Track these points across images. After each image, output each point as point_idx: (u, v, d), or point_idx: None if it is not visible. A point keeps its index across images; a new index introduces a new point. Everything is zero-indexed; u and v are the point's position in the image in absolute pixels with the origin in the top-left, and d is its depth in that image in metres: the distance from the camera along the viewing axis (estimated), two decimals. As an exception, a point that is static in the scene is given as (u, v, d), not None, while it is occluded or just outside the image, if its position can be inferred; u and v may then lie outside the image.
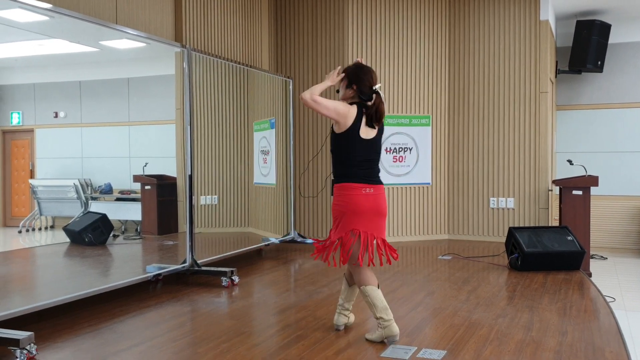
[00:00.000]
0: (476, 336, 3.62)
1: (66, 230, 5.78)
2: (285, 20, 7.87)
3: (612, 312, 4.21)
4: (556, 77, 8.66)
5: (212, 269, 5.22)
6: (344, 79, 3.59)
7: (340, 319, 3.75)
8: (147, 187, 6.02)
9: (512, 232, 5.88)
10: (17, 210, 5.76)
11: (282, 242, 7.06)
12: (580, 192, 6.77)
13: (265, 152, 6.94)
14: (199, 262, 5.23)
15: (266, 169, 6.96)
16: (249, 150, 6.82)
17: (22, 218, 5.81)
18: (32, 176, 5.71)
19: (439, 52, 7.90)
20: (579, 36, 8.31)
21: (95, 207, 5.97)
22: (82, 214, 5.89)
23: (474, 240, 7.74)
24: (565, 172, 7.92)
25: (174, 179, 5.88)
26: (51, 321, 3.95)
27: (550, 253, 5.63)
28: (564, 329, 3.78)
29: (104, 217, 5.76)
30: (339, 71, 3.61)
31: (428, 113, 7.85)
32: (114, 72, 6.16)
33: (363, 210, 3.46)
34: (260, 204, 6.96)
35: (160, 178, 6.02)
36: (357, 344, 3.48)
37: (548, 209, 7.52)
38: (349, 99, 3.59)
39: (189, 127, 5.16)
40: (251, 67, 6.85)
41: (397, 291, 4.87)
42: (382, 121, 3.56)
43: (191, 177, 5.20)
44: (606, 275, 7.14)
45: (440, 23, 7.90)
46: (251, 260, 6.42)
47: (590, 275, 6.38)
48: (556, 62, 8.53)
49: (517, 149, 7.62)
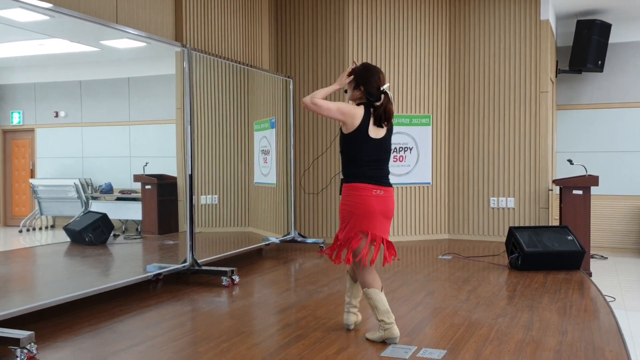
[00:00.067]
0: (476, 336, 3.62)
1: (66, 229, 5.78)
2: (285, 20, 7.87)
3: (612, 312, 4.21)
4: (556, 76, 8.66)
5: (213, 268, 5.22)
6: (351, 80, 3.54)
7: (350, 318, 3.73)
8: (148, 187, 6.02)
9: (513, 231, 5.88)
10: (17, 210, 5.76)
11: (282, 241, 7.07)
12: (580, 192, 6.76)
13: (266, 152, 6.94)
14: (199, 261, 5.24)
15: (266, 168, 6.96)
16: (249, 150, 6.82)
17: (22, 217, 5.81)
18: (32, 176, 5.71)
19: (440, 51, 7.90)
20: (580, 36, 8.31)
21: (96, 206, 5.97)
22: (82, 214, 5.89)
23: (474, 240, 7.74)
24: (566, 171, 7.92)
25: (174, 178, 5.88)
26: (51, 321, 3.95)
27: (550, 253, 5.64)
28: (564, 328, 3.78)
29: (104, 217, 5.77)
30: (348, 73, 3.55)
31: (428, 113, 7.85)
32: (114, 72, 6.16)
33: (372, 212, 3.44)
34: (260, 204, 6.97)
35: (160, 178, 6.03)
36: (357, 343, 3.48)
37: (548, 208, 7.52)
38: (356, 99, 3.56)
39: (189, 126, 5.17)
40: (251, 66, 6.86)
41: (397, 291, 4.88)
42: (391, 121, 3.52)
43: (191, 176, 5.20)
44: (606, 274, 7.14)
45: (441, 23, 7.90)
46: (251, 259, 6.43)
47: (590, 274, 6.37)
48: (556, 61, 8.53)
49: (518, 149, 7.62)
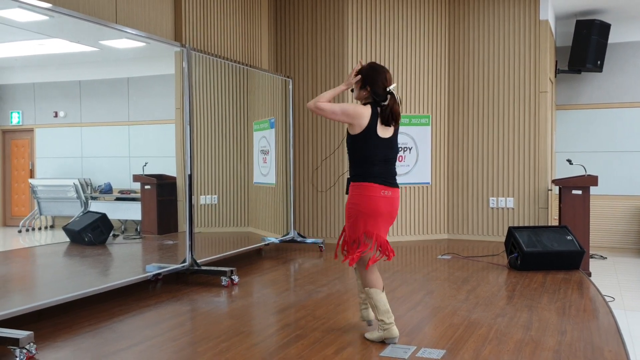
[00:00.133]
0: (475, 335, 3.62)
1: (66, 229, 5.78)
2: (285, 19, 7.87)
3: (611, 312, 4.21)
4: (556, 76, 8.67)
5: (212, 268, 5.22)
6: (358, 80, 3.51)
7: (369, 314, 3.70)
8: (147, 187, 6.02)
9: (512, 231, 5.88)
10: (17, 210, 5.76)
11: (281, 241, 7.07)
12: (579, 192, 6.77)
13: (265, 152, 6.94)
14: (198, 261, 5.24)
15: (266, 168, 6.97)
16: (248, 150, 6.82)
17: (22, 217, 5.81)
18: (32, 176, 5.71)
19: (439, 51, 7.90)
20: (579, 36, 8.31)
21: (95, 206, 5.97)
22: (81, 214, 5.89)
23: (473, 240, 7.75)
24: (565, 171, 7.92)
25: (173, 178, 5.88)
26: (51, 320, 3.95)
27: (549, 252, 5.64)
28: (563, 328, 3.78)
29: (103, 217, 5.77)
30: (355, 72, 3.50)
31: (428, 113, 7.85)
32: (113, 72, 6.16)
33: (380, 213, 3.42)
34: (260, 204, 6.97)
35: (160, 178, 6.03)
36: (357, 343, 3.48)
37: (547, 208, 7.53)
38: (362, 99, 3.53)
39: (188, 126, 5.16)
40: (251, 66, 6.86)
41: (397, 290, 4.88)
42: (398, 121, 3.50)
43: (191, 176, 5.20)
44: (605, 274, 7.15)
45: (440, 23, 7.90)
46: (251, 259, 6.43)
47: (589, 274, 6.38)
48: (556, 61, 8.54)
49: (517, 149, 7.62)
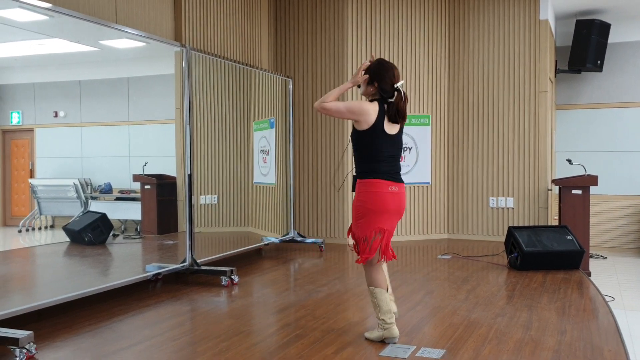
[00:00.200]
0: (475, 335, 3.63)
1: (66, 229, 5.78)
2: (285, 19, 7.88)
3: (611, 312, 4.21)
4: (556, 76, 8.67)
5: (212, 268, 5.22)
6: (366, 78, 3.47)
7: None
8: (147, 187, 6.02)
9: (512, 231, 5.88)
10: (17, 210, 5.76)
11: (281, 241, 7.07)
12: (579, 192, 6.77)
13: (265, 152, 6.94)
14: (198, 261, 5.24)
15: (266, 168, 6.97)
16: (248, 150, 6.82)
17: (22, 217, 5.81)
18: (32, 176, 5.71)
19: (439, 51, 7.90)
20: (579, 35, 8.31)
21: (95, 206, 5.97)
22: (81, 214, 5.89)
23: (473, 240, 7.75)
24: (565, 171, 7.93)
25: (173, 178, 5.88)
26: (51, 320, 3.95)
27: (549, 252, 5.64)
28: (562, 328, 3.78)
29: (103, 217, 5.77)
30: (364, 70, 3.47)
31: (427, 112, 7.85)
32: (113, 72, 6.17)
33: (389, 209, 3.40)
34: (260, 204, 6.97)
35: (160, 177, 6.03)
36: (356, 343, 3.48)
37: (547, 208, 7.53)
38: (369, 95, 3.50)
39: (188, 126, 5.17)
40: (251, 66, 6.86)
41: (397, 290, 4.87)
42: (405, 119, 3.48)
43: (191, 176, 5.21)
44: (605, 274, 7.15)
45: (440, 22, 7.90)
46: (251, 259, 6.43)
47: (589, 274, 6.38)
48: (556, 61, 8.54)
49: (517, 149, 7.62)
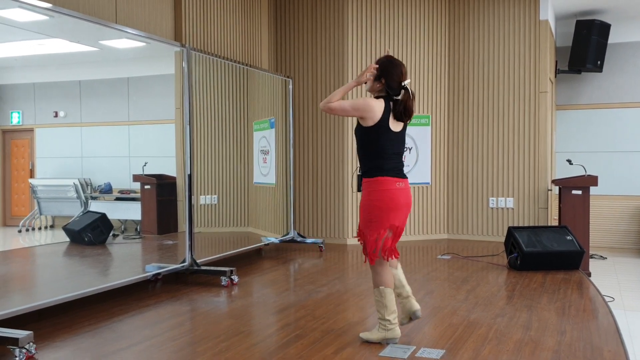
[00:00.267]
0: (475, 335, 3.63)
1: (66, 229, 5.78)
2: (285, 19, 7.88)
3: (610, 312, 4.21)
4: (556, 76, 8.67)
5: (212, 268, 5.22)
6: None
7: (412, 304, 3.55)
8: (147, 187, 6.02)
9: (512, 231, 5.88)
10: (17, 210, 5.77)
11: (281, 241, 7.07)
12: (579, 192, 6.77)
13: (265, 152, 6.94)
14: (198, 261, 5.24)
15: (266, 168, 6.97)
16: (248, 150, 6.82)
17: (22, 217, 5.81)
18: (32, 176, 5.71)
19: (439, 51, 7.90)
20: (579, 36, 8.31)
21: (95, 206, 5.97)
22: (81, 214, 5.90)
23: (473, 240, 7.75)
24: (565, 171, 7.92)
25: (173, 178, 5.88)
26: (50, 320, 3.95)
27: (549, 253, 5.64)
28: (562, 328, 3.78)
29: (103, 217, 5.77)
30: (371, 69, 3.42)
31: (427, 113, 7.85)
32: (113, 72, 6.17)
33: (400, 205, 3.38)
34: (260, 204, 6.97)
35: (159, 177, 6.03)
36: (356, 343, 3.48)
37: (547, 208, 7.53)
38: (375, 91, 3.47)
39: (188, 126, 5.16)
40: (251, 66, 6.86)
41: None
42: (411, 117, 3.46)
43: (190, 176, 5.20)
44: (605, 274, 7.15)
45: (440, 22, 7.90)
46: (251, 259, 6.43)
47: (589, 274, 6.38)
48: (556, 61, 8.54)
49: (517, 149, 7.62)
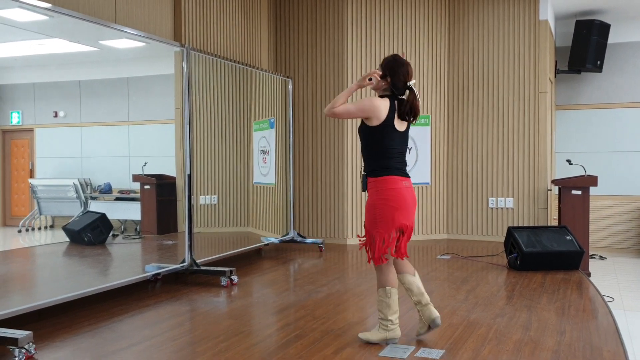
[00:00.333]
0: (474, 335, 3.63)
1: (65, 229, 5.78)
2: (284, 19, 7.88)
3: (610, 312, 4.21)
4: (555, 76, 8.67)
5: (211, 268, 5.22)
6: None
7: (431, 312, 3.48)
8: (147, 187, 6.03)
9: (511, 231, 5.88)
10: (16, 210, 5.77)
11: (281, 241, 7.07)
12: (579, 192, 6.77)
13: (265, 152, 6.94)
14: (198, 261, 5.24)
15: (266, 168, 6.97)
16: (248, 150, 6.82)
17: (21, 217, 5.82)
18: (31, 176, 5.72)
19: (438, 51, 7.90)
20: (579, 36, 8.31)
21: (95, 206, 5.98)
22: (81, 214, 5.90)
23: (473, 240, 7.75)
24: (565, 171, 7.92)
25: (173, 178, 5.89)
26: (50, 320, 3.95)
27: (549, 253, 5.64)
28: (562, 328, 3.79)
29: (103, 217, 5.78)
30: (376, 75, 3.42)
31: (427, 113, 7.85)
32: (113, 72, 6.18)
33: (407, 204, 3.37)
34: (259, 204, 6.97)
35: (159, 177, 6.03)
36: (356, 343, 3.48)
37: (547, 208, 7.53)
38: (380, 90, 3.48)
39: (188, 126, 5.17)
40: (250, 66, 6.86)
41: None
42: (417, 117, 3.48)
43: (190, 176, 5.20)
44: (605, 275, 7.15)
45: (440, 23, 7.90)
46: (250, 260, 6.43)
47: (589, 275, 6.38)
48: (555, 61, 8.54)
49: (517, 149, 7.62)
